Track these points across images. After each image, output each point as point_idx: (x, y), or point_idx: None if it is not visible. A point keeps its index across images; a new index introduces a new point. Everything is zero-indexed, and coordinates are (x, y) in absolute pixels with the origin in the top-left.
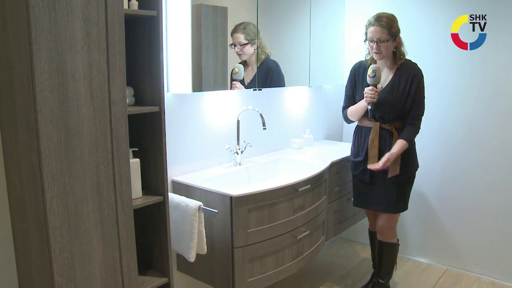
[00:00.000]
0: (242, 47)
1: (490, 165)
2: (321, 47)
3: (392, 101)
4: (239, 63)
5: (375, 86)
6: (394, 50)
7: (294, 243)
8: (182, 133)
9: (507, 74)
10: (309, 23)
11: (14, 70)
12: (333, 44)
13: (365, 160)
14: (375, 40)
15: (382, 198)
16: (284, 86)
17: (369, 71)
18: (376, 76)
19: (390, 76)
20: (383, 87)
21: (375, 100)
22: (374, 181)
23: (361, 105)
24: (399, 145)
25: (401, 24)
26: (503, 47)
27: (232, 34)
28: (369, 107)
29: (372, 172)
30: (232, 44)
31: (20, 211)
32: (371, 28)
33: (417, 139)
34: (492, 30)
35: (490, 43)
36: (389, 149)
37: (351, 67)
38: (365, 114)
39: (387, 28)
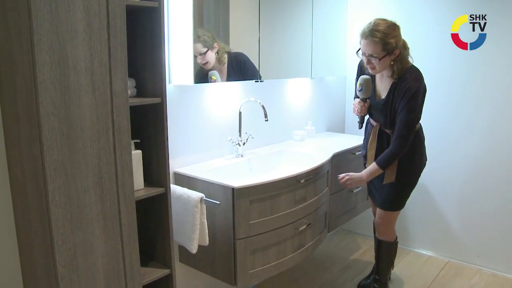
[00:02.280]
0: (203, 56)
1: (491, 159)
2: (323, 39)
3: (387, 113)
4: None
5: (365, 99)
6: (392, 63)
7: (296, 235)
8: (184, 124)
9: (507, 74)
10: (311, 14)
11: (15, 61)
12: (335, 35)
13: (366, 157)
14: (366, 55)
15: (378, 194)
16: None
17: (357, 84)
18: (363, 90)
19: (389, 86)
20: (382, 97)
21: (362, 114)
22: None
23: None
24: (369, 169)
25: (401, 24)
26: (503, 47)
27: None
28: (358, 119)
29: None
30: None
31: (23, 202)
32: (364, 41)
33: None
34: (492, 30)
35: (490, 43)
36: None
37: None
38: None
39: (380, 43)
